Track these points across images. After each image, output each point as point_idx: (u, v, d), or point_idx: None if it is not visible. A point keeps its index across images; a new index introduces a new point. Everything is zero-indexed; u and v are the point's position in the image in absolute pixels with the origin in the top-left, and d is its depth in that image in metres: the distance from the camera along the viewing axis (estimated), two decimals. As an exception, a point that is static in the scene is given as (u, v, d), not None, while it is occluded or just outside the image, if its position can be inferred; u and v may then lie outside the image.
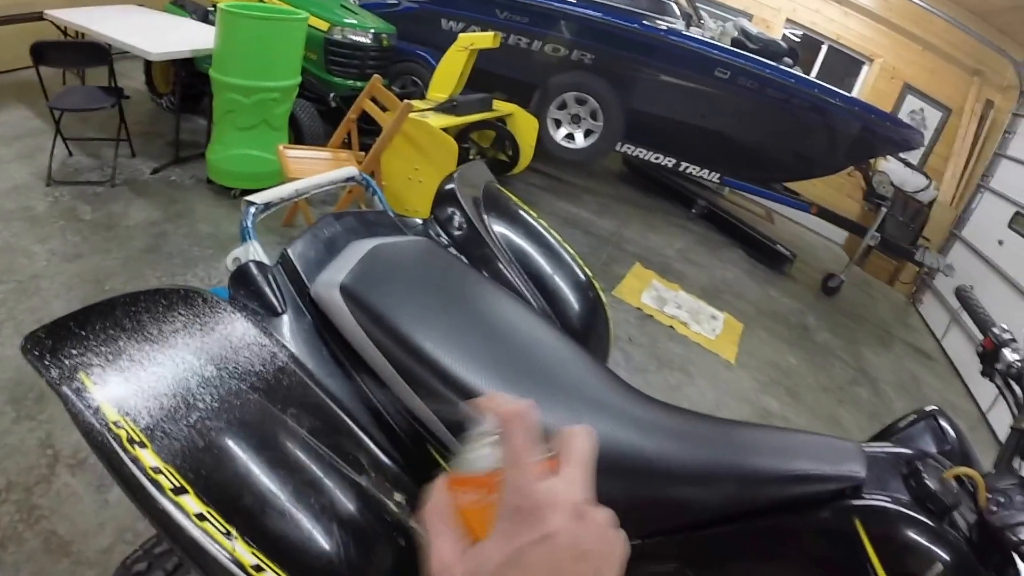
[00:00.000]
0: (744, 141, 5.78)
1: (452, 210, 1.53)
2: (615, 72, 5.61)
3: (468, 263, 1.45)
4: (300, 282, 1.16)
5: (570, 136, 5.89)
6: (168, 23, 4.80)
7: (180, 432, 0.81)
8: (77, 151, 4.21)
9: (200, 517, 0.76)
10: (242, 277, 1.12)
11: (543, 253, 1.58)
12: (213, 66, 3.81)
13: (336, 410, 0.98)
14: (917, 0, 7.15)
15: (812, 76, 6.60)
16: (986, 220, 6.26)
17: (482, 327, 1.17)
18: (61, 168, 3.97)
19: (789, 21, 8.12)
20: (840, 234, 7.27)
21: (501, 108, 5.26)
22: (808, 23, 8.08)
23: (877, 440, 1.19)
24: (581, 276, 1.58)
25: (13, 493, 1.96)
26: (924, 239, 6.37)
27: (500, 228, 1.58)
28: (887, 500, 0.94)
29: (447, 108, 4.58)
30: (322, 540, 0.83)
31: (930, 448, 1.13)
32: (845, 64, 8.18)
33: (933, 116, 7.85)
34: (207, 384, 0.88)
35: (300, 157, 3.67)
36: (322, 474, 0.89)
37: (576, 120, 5.85)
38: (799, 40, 8.09)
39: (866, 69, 8.15)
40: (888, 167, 6.72)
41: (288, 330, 1.08)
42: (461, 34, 4.82)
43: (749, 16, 7.74)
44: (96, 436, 0.78)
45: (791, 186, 6.67)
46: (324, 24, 4.83)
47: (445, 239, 1.52)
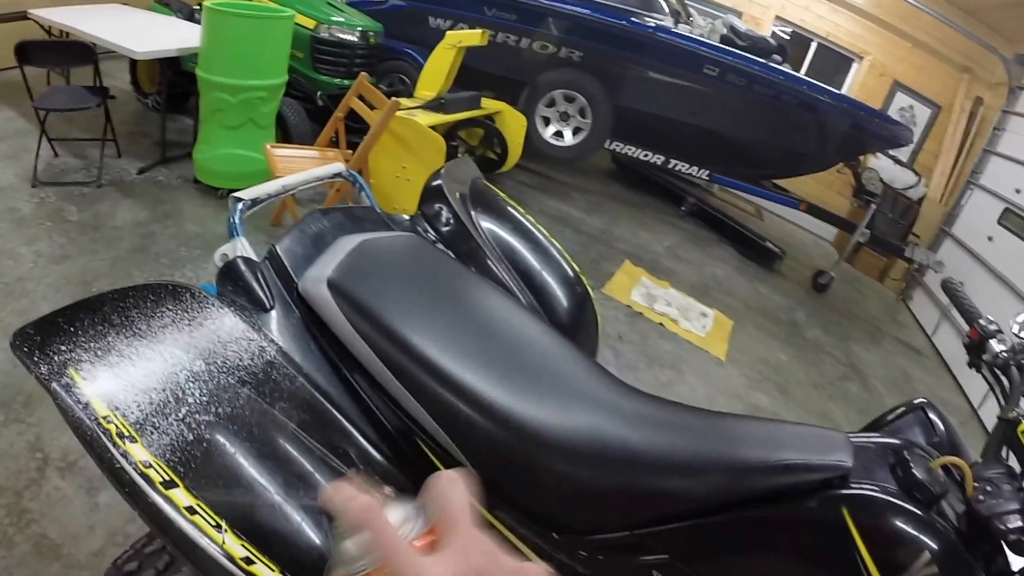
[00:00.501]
0: (733, 138, 5.79)
1: (439, 206, 1.54)
2: (604, 69, 5.61)
3: (455, 259, 1.46)
4: (288, 278, 1.17)
5: (559, 134, 5.88)
6: (153, 22, 4.77)
7: (170, 426, 0.82)
8: (63, 152, 4.17)
9: (190, 510, 0.76)
10: (230, 273, 1.12)
11: (531, 249, 1.59)
12: (199, 65, 3.79)
13: (325, 404, 0.99)
14: (906, -3, 7.17)
15: (801, 73, 6.62)
16: (976, 217, 6.29)
17: (470, 321, 1.18)
18: (47, 169, 3.94)
19: (778, 18, 8.13)
20: (830, 231, 7.29)
21: (489, 106, 5.25)
22: (797, 20, 8.10)
23: (866, 432, 1.19)
24: (569, 271, 1.59)
25: (3, 497, 1.94)
26: (914, 236, 6.39)
27: (487, 224, 1.58)
28: (874, 489, 0.94)
29: (435, 106, 4.57)
30: (311, 533, 0.83)
31: (919, 440, 1.13)
32: (835, 61, 8.20)
33: (923, 113, 7.88)
34: (196, 379, 0.89)
35: (288, 156, 3.65)
36: (311, 467, 0.89)
37: (565, 118, 5.84)
38: (789, 37, 8.09)
39: (856, 66, 8.17)
40: (878, 164, 6.74)
41: (276, 325, 1.09)
42: (449, 31, 4.81)
43: (738, 13, 7.74)
44: (86, 431, 0.78)
45: (781, 183, 6.68)
46: (311, 22, 4.82)
47: (432, 235, 1.52)
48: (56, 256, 3.14)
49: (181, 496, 0.77)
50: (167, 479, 0.77)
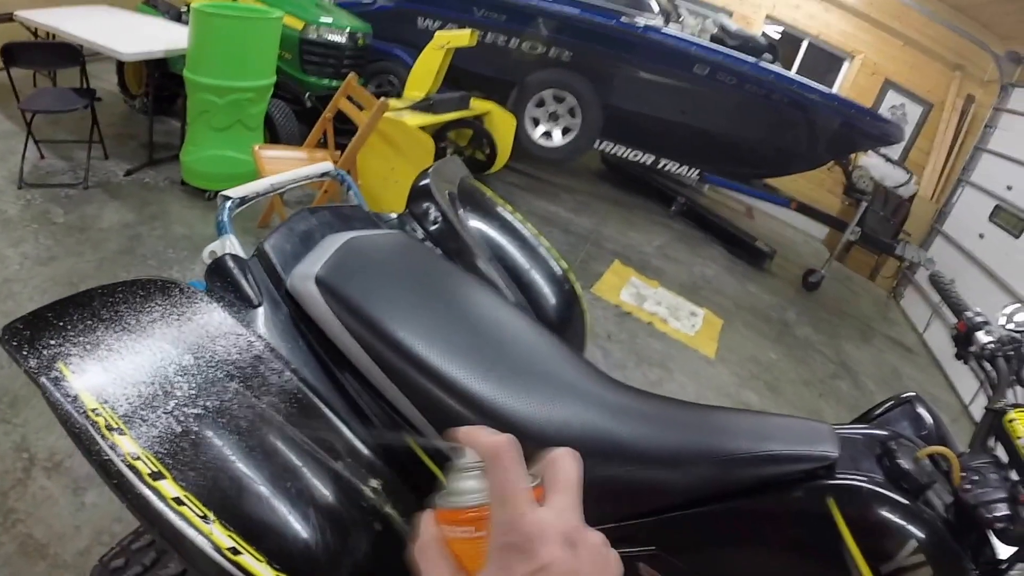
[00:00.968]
0: (723, 137, 5.78)
1: (427, 205, 1.55)
2: (593, 69, 5.60)
3: (443, 256, 1.47)
4: (276, 275, 1.18)
5: (548, 134, 5.87)
6: (141, 23, 4.75)
7: (158, 419, 0.83)
8: (49, 153, 4.16)
9: (178, 501, 0.77)
10: (218, 270, 1.13)
11: (518, 247, 1.60)
12: (187, 66, 3.77)
13: (312, 398, 1.00)
14: (897, -5, 7.19)
15: (792, 72, 6.62)
16: (967, 214, 6.30)
17: (456, 317, 1.19)
18: (33, 171, 3.93)
19: (769, 18, 8.13)
20: (821, 230, 7.32)
21: (478, 106, 5.25)
22: (788, 19, 8.09)
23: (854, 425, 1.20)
24: (556, 269, 1.60)
25: (-11, 497, 1.95)
26: (905, 234, 6.40)
27: (475, 222, 1.60)
28: (860, 479, 0.94)
29: (424, 107, 4.56)
30: (298, 524, 0.84)
31: (907, 433, 1.14)
32: (826, 60, 8.20)
33: (914, 111, 7.89)
34: (184, 372, 0.90)
35: (276, 157, 3.65)
36: (298, 460, 0.90)
37: (554, 118, 5.84)
38: (780, 36, 8.10)
39: (847, 65, 8.17)
40: (868, 162, 6.75)
41: (264, 322, 1.10)
42: (437, 32, 4.80)
43: (729, 13, 7.74)
44: (74, 424, 0.79)
45: (771, 182, 6.70)
46: (299, 23, 4.80)
47: (421, 234, 1.53)
48: (42, 258, 3.14)
49: (169, 487, 0.78)
50: (155, 471, 0.78)
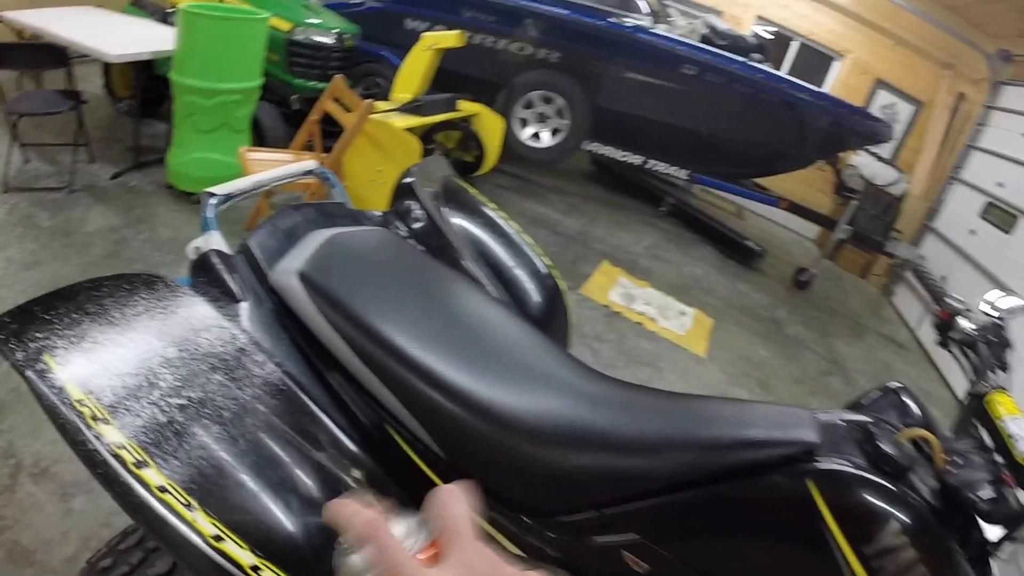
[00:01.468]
0: (712, 137, 5.78)
1: (411, 203, 1.58)
2: (582, 70, 5.59)
3: (426, 253, 1.49)
4: (260, 270, 1.21)
5: (536, 135, 5.85)
6: (127, 25, 4.72)
7: (143, 409, 0.85)
8: (34, 157, 4.14)
9: (161, 490, 0.79)
10: (203, 265, 1.16)
11: (502, 244, 1.63)
12: (173, 68, 3.76)
13: (295, 390, 1.02)
14: (887, -5, 7.20)
15: (783, 72, 6.62)
16: (958, 211, 6.31)
17: (438, 311, 1.21)
18: (18, 174, 3.91)
19: (760, 18, 8.14)
20: (812, 229, 7.32)
21: (466, 108, 5.23)
22: (779, 19, 8.10)
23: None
24: (540, 266, 1.63)
25: (-25, 505, 1.93)
26: (896, 232, 6.39)
27: (459, 220, 1.63)
28: (841, 463, 0.95)
29: (411, 108, 4.55)
30: (280, 513, 0.86)
31: (893, 420, 1.14)
32: (817, 60, 8.20)
33: (905, 110, 7.90)
34: (168, 364, 0.92)
35: (262, 159, 3.63)
36: (281, 450, 0.93)
37: (542, 119, 5.82)
38: (772, 37, 8.10)
39: (837, 65, 8.18)
40: (859, 161, 6.75)
41: (248, 316, 1.12)
42: (425, 33, 4.78)
43: (719, 13, 7.74)
44: (60, 415, 0.80)
45: (761, 182, 6.70)
46: (286, 25, 4.79)
47: (404, 231, 1.55)
48: (27, 262, 3.12)
49: (152, 476, 0.79)
50: (139, 459, 0.80)
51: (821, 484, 0.92)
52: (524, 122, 5.83)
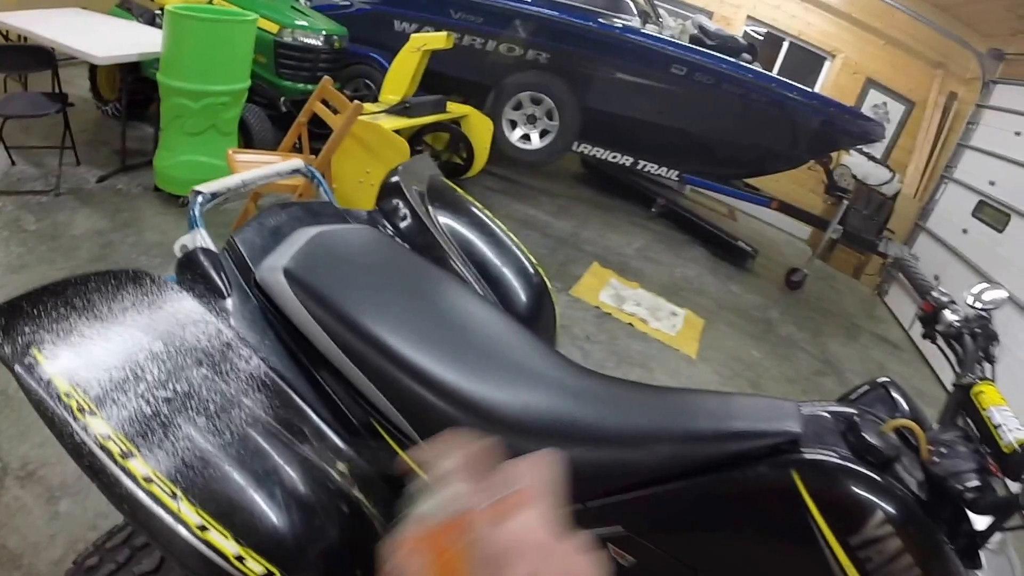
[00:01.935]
0: (703, 138, 5.78)
1: (397, 201, 1.60)
2: (571, 71, 5.58)
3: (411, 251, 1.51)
4: (246, 267, 1.23)
5: (526, 137, 5.84)
6: (114, 27, 4.70)
7: (129, 401, 0.86)
8: (20, 160, 4.12)
9: (147, 479, 0.80)
10: (189, 263, 1.17)
11: (488, 243, 1.64)
12: (160, 70, 3.75)
13: (281, 383, 1.05)
14: (878, -5, 7.21)
15: (774, 73, 6.63)
16: (950, 210, 6.33)
17: (423, 307, 1.23)
18: (4, 178, 3.89)
19: (750, 18, 8.16)
20: (804, 229, 7.32)
21: (455, 110, 5.23)
22: (769, 19, 8.13)
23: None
24: (526, 264, 1.64)
25: (-39, 509, 1.92)
26: (889, 231, 6.41)
27: (445, 219, 1.63)
28: (825, 454, 0.95)
29: (399, 110, 4.54)
30: (265, 504, 0.86)
31: (880, 413, 1.15)
32: (808, 60, 8.23)
33: (896, 109, 7.93)
34: (155, 358, 0.93)
35: (250, 161, 3.60)
36: (266, 442, 0.94)
37: (532, 120, 5.81)
38: (762, 37, 8.12)
39: (828, 64, 8.21)
40: (850, 161, 6.77)
41: (234, 312, 1.14)
42: (413, 35, 4.78)
43: (709, 14, 7.76)
44: (47, 408, 0.82)
45: (752, 182, 6.71)
46: (274, 26, 4.77)
47: (390, 230, 1.57)
48: (14, 266, 3.10)
49: (138, 466, 0.80)
50: (125, 450, 0.81)
51: (805, 475, 0.92)
52: (513, 124, 5.82)
